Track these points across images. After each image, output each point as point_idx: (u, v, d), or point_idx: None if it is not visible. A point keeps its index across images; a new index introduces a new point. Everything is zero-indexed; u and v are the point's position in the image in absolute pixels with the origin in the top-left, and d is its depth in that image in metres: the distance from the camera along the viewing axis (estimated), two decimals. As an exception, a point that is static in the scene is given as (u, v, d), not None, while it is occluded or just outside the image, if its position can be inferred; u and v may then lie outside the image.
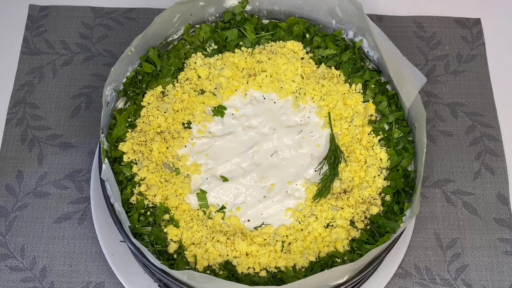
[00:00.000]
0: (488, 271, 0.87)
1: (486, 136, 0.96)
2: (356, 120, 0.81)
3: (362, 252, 0.73)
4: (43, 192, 0.90)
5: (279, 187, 0.79)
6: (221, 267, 0.73)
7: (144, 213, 0.76)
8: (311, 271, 0.73)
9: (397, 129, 0.81)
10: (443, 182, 0.93)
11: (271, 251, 0.74)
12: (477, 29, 1.05)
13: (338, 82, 0.85)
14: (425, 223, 0.90)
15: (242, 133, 0.83)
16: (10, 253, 0.86)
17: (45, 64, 1.00)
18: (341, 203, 0.77)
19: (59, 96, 0.97)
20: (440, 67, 1.01)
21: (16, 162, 0.92)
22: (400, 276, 0.86)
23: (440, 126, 0.97)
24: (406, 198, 0.77)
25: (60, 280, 0.85)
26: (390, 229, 0.74)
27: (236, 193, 0.79)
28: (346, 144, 0.81)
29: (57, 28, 1.03)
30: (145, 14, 1.04)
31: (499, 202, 0.91)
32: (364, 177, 0.79)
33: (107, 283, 0.85)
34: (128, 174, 0.77)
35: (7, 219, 0.88)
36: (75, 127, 0.95)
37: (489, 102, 0.99)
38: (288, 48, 0.87)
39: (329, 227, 0.76)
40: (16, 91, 0.97)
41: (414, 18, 1.06)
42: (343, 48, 0.87)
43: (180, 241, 0.74)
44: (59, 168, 0.92)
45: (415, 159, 0.79)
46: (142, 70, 0.84)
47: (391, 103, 0.83)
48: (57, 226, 0.88)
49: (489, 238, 0.89)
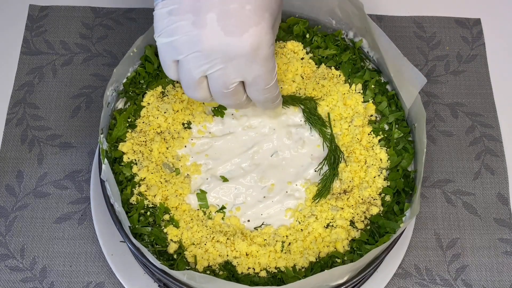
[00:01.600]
0: (488, 271, 0.87)
1: (486, 136, 0.96)
2: (356, 120, 0.81)
3: (362, 252, 0.73)
4: (43, 192, 0.90)
5: (279, 187, 0.79)
6: (221, 267, 0.73)
7: (144, 213, 0.76)
8: (311, 271, 0.73)
9: (397, 129, 0.81)
10: (443, 182, 0.93)
11: (271, 251, 0.74)
12: (477, 29, 1.05)
13: (338, 82, 0.85)
14: (425, 223, 0.90)
15: (242, 133, 0.83)
16: (10, 253, 0.86)
17: (45, 64, 1.00)
18: (341, 203, 0.77)
19: (59, 96, 0.97)
20: (440, 67, 1.02)
21: (16, 162, 0.92)
22: (400, 276, 0.86)
23: (440, 126, 0.97)
24: (406, 198, 0.77)
25: (60, 280, 0.85)
26: (390, 229, 0.74)
27: (236, 193, 0.79)
28: (346, 144, 0.81)
29: (57, 28, 1.03)
30: (145, 14, 1.04)
31: (499, 202, 0.91)
32: (364, 177, 0.79)
33: (107, 283, 0.85)
34: (128, 174, 0.77)
35: (7, 219, 0.88)
36: (75, 127, 0.95)
37: (489, 102, 0.99)
38: (288, 48, 0.87)
39: (329, 227, 0.76)
40: (16, 91, 0.97)
41: (414, 18, 1.06)
42: (343, 48, 0.87)
43: (180, 241, 0.74)
44: (59, 168, 0.92)
45: (415, 159, 0.79)
46: (143, 71, 0.83)
47: (391, 103, 0.83)
48: (57, 226, 0.88)
49: (489, 238, 0.89)
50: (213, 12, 0.64)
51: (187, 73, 0.68)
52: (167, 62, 0.69)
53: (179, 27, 0.65)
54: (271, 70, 0.69)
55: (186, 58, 0.67)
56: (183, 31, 0.65)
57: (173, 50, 0.67)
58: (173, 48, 0.67)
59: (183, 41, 0.66)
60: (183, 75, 0.69)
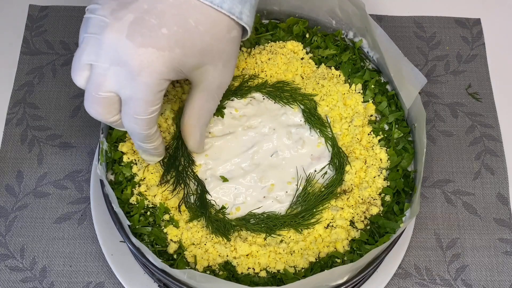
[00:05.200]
0: (488, 271, 0.87)
1: (486, 136, 0.96)
2: (356, 120, 0.81)
3: (362, 252, 0.73)
4: (43, 192, 0.90)
5: (279, 187, 0.79)
6: (221, 268, 0.73)
7: (144, 213, 0.76)
8: (311, 272, 0.73)
9: (397, 129, 0.81)
10: (443, 182, 0.93)
11: (271, 252, 0.74)
12: (477, 29, 1.05)
13: (338, 82, 0.85)
14: (425, 223, 0.90)
15: (242, 133, 0.83)
16: (10, 253, 0.86)
17: (45, 64, 1.00)
18: (341, 203, 0.77)
19: (59, 96, 0.97)
20: (440, 67, 1.02)
21: (16, 162, 0.92)
22: (400, 276, 0.86)
23: (440, 126, 0.97)
24: (406, 198, 0.77)
25: (60, 280, 0.85)
26: (390, 229, 0.74)
27: (236, 193, 0.79)
28: (346, 144, 0.81)
29: (57, 28, 1.03)
30: (145, 14, 1.04)
31: (499, 202, 0.91)
32: (364, 177, 0.79)
33: (107, 283, 0.85)
34: (128, 174, 0.77)
35: (7, 219, 0.88)
36: (75, 127, 0.95)
37: (489, 102, 0.99)
38: (288, 48, 0.87)
39: (329, 227, 0.76)
40: (16, 91, 0.97)
41: (414, 18, 1.06)
42: (343, 48, 0.87)
43: (180, 242, 0.74)
44: (59, 168, 0.92)
45: (415, 159, 0.79)
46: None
47: (391, 103, 0.83)
48: (57, 226, 0.88)
49: (489, 238, 0.89)
50: (133, 14, 0.62)
51: (79, 52, 0.64)
52: (80, 36, 0.65)
53: (101, 9, 0.63)
54: (148, 103, 0.64)
55: (87, 37, 0.63)
56: (100, 14, 0.63)
57: (85, 26, 0.64)
58: (87, 24, 0.64)
59: (95, 22, 0.63)
60: (77, 51, 0.64)
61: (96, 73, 0.63)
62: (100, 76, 0.63)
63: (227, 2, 0.65)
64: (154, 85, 0.63)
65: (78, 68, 0.64)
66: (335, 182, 0.78)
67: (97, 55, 0.63)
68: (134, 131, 0.67)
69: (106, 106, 0.65)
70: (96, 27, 0.63)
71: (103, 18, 0.62)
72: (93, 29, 0.63)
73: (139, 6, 0.63)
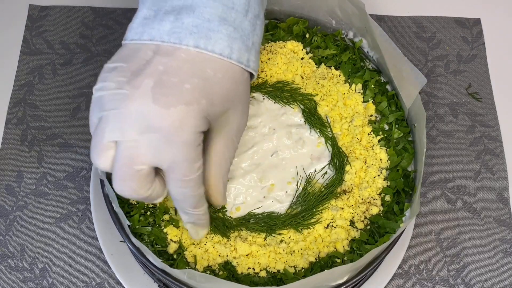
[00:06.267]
0: (488, 271, 0.87)
1: (486, 136, 0.96)
2: (356, 120, 0.81)
3: (362, 252, 0.73)
4: (43, 192, 0.90)
5: (279, 187, 0.79)
6: (221, 268, 0.73)
7: (144, 213, 0.76)
8: (311, 272, 0.73)
9: (397, 129, 0.81)
10: (443, 182, 0.93)
11: (271, 252, 0.74)
12: (477, 29, 1.05)
13: (338, 82, 0.85)
14: (425, 223, 0.90)
15: (242, 133, 0.83)
16: (10, 253, 0.86)
17: (45, 64, 1.00)
18: (341, 203, 0.77)
19: (59, 96, 0.97)
20: (440, 67, 1.02)
21: (16, 162, 0.92)
22: (400, 276, 0.86)
23: (440, 126, 0.97)
24: (406, 198, 0.77)
25: (60, 280, 0.85)
26: (390, 229, 0.74)
27: (236, 193, 0.79)
28: (346, 144, 0.81)
29: (57, 28, 1.03)
30: (145, 14, 1.04)
31: (499, 202, 0.91)
32: (364, 177, 0.79)
33: (107, 283, 0.85)
34: (128, 174, 0.77)
35: (7, 219, 0.88)
36: (75, 127, 0.95)
37: (489, 102, 0.99)
38: (288, 48, 0.87)
39: (329, 227, 0.76)
40: (16, 91, 0.97)
41: (414, 18, 1.06)
42: (343, 48, 0.87)
43: (180, 241, 0.74)
44: (59, 168, 0.92)
45: (415, 159, 0.79)
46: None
47: (391, 103, 0.83)
48: (57, 226, 0.88)
49: (489, 238, 0.89)
50: (152, 78, 0.60)
51: (99, 132, 0.61)
52: (92, 118, 0.63)
53: (112, 84, 0.61)
54: (191, 161, 0.62)
55: (106, 115, 0.61)
56: (115, 87, 0.61)
57: (99, 105, 0.61)
58: (100, 102, 0.61)
59: (111, 97, 0.61)
60: (95, 133, 0.62)
61: (125, 148, 0.60)
62: (131, 150, 0.60)
63: (235, 53, 0.65)
64: (191, 140, 0.61)
65: (101, 150, 0.61)
66: (335, 182, 0.78)
67: (123, 129, 0.60)
68: (186, 196, 0.65)
69: (142, 180, 0.62)
70: (113, 102, 0.61)
71: (119, 91, 0.60)
72: (110, 105, 0.61)
73: (155, 69, 0.61)
